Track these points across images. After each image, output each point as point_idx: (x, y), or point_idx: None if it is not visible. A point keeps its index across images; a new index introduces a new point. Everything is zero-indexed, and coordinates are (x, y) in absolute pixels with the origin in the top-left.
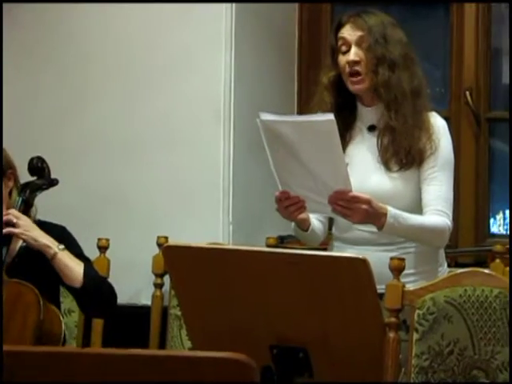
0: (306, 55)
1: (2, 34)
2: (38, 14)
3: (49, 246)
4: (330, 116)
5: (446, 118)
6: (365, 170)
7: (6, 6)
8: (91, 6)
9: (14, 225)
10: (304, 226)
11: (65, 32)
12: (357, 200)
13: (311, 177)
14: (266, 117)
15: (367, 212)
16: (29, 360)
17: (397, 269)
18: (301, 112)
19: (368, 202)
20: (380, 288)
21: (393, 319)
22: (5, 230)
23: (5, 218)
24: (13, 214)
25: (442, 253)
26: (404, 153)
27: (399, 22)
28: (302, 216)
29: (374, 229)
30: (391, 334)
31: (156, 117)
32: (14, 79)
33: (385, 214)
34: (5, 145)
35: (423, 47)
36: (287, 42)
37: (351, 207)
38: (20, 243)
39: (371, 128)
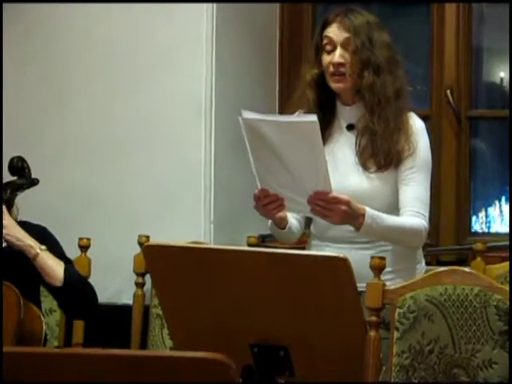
0: (287, 53)
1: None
2: (17, 13)
3: (31, 246)
4: (313, 117)
5: (427, 117)
6: (343, 169)
7: None
8: (72, 6)
9: None
10: (281, 224)
11: (46, 31)
12: (336, 201)
13: (291, 176)
14: (248, 115)
15: (346, 213)
16: (9, 360)
17: (377, 268)
18: (282, 109)
19: (347, 202)
20: (359, 286)
21: (373, 318)
22: None
23: None
24: None
25: (419, 251)
26: (382, 155)
27: (380, 19)
28: (280, 214)
29: (352, 227)
30: (372, 333)
31: (137, 116)
32: None
33: (363, 215)
34: None
35: (404, 45)
36: (268, 40)
37: (330, 208)
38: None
39: (350, 127)
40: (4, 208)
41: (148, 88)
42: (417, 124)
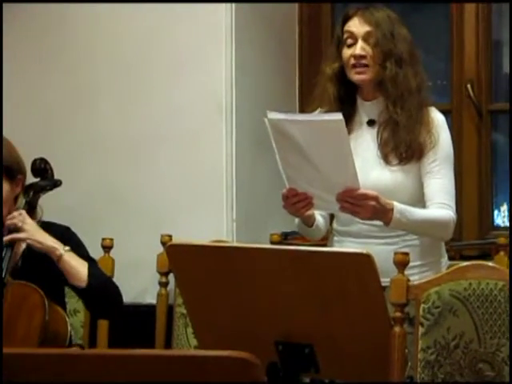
0: (306, 50)
1: (1, 34)
2: (40, 13)
3: (55, 248)
4: (339, 116)
5: (448, 111)
6: (365, 164)
7: (5, 5)
8: (95, 6)
9: (19, 229)
10: (309, 222)
11: (68, 32)
12: (365, 197)
13: (319, 175)
14: (274, 115)
15: (375, 208)
16: (33, 362)
17: (401, 263)
18: (302, 106)
19: (376, 198)
20: (383, 281)
21: (398, 314)
22: (11, 237)
23: (9, 222)
24: (17, 218)
25: (442, 245)
26: (404, 147)
27: (401, 15)
28: (309, 213)
29: (375, 222)
30: (397, 329)
31: (158, 115)
32: (16, 80)
33: (391, 210)
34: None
35: (424, 40)
36: (288, 38)
37: (359, 204)
38: (24, 245)
39: (370, 122)
40: (24, 212)
41: (169, 87)
42: (438, 118)
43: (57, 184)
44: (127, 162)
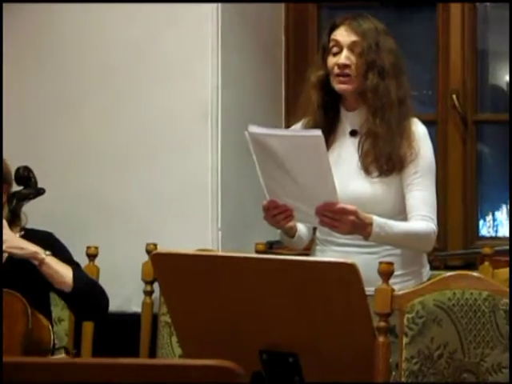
0: (292, 57)
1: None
2: (25, 18)
3: (36, 253)
4: (318, 132)
5: (434, 121)
6: (346, 175)
7: None
8: (80, 12)
9: None
10: (291, 233)
11: (55, 39)
12: (343, 211)
13: (299, 188)
14: (254, 129)
15: (354, 223)
16: (17, 371)
17: (386, 273)
18: (288, 113)
19: (354, 212)
20: (366, 290)
21: (382, 323)
22: None
23: None
24: None
25: (424, 254)
26: (385, 159)
27: (387, 25)
28: (290, 224)
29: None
30: (381, 339)
31: (142, 122)
32: None
33: (370, 224)
34: None
35: (410, 50)
36: (274, 44)
37: (338, 218)
38: (5, 256)
39: (353, 133)
40: (4, 222)
41: (155, 94)
42: (419, 130)
43: (40, 192)
44: (112, 170)
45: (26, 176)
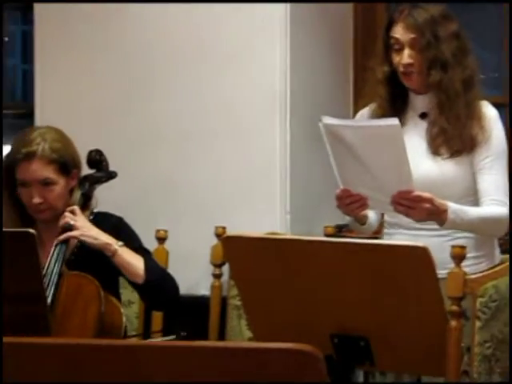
0: (361, 41)
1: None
2: (95, 5)
3: (108, 244)
4: (395, 121)
5: (501, 104)
6: (415, 157)
7: None
8: None
9: (71, 227)
10: (362, 220)
11: (124, 24)
12: (419, 199)
13: (374, 177)
14: (329, 120)
15: (429, 210)
16: (91, 353)
17: (458, 256)
18: (356, 100)
19: (430, 200)
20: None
21: (455, 307)
22: (64, 236)
23: (63, 221)
24: (69, 217)
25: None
26: (455, 140)
27: (451, 7)
28: (363, 212)
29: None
30: (453, 323)
31: (212, 107)
32: (71, 72)
33: (446, 211)
34: None
35: (476, 32)
36: (342, 28)
37: (414, 206)
38: (76, 240)
39: (423, 115)
40: (76, 208)
41: (223, 78)
42: (490, 112)
43: (112, 175)
44: (181, 154)
45: (97, 159)
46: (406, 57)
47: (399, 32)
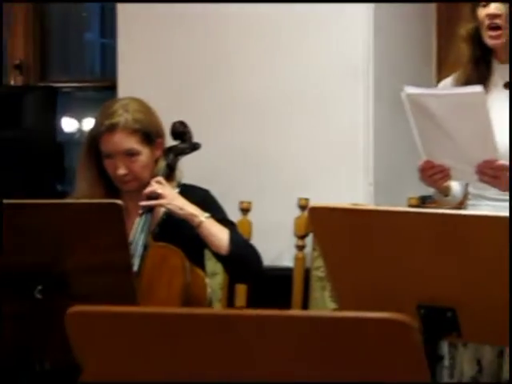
0: (444, 10)
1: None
2: None
3: (194, 215)
4: (478, 88)
5: None
6: (500, 127)
7: None
8: None
9: (158, 196)
10: (446, 191)
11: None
12: (504, 168)
13: (457, 147)
14: (411, 90)
15: None
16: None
17: None
18: (440, 70)
19: None
20: None
21: None
22: (151, 202)
23: (149, 189)
24: (156, 186)
25: None
26: None
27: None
28: (446, 184)
29: None
30: None
31: (294, 78)
32: (151, 45)
33: None
34: None
35: None
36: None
37: (499, 175)
38: (162, 212)
39: (507, 85)
40: (162, 179)
41: (305, 48)
42: None
43: (196, 147)
44: (264, 125)
45: (181, 131)
46: (492, 7)
47: None
